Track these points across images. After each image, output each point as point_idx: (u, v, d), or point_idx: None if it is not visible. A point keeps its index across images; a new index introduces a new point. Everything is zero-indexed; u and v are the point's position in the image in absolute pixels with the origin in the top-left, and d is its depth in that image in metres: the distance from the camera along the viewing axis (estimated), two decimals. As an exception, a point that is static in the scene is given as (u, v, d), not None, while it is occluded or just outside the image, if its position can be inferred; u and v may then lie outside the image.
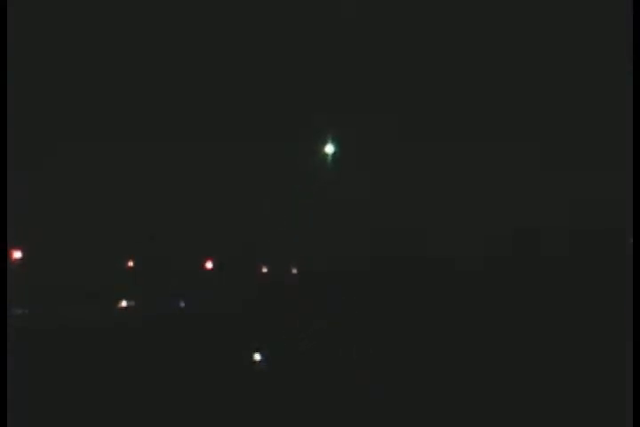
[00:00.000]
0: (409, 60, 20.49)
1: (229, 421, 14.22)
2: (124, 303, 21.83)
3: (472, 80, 20.38)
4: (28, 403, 14.08)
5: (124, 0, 19.83)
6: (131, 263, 22.45)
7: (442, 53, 20.28)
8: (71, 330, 19.06)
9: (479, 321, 18.38)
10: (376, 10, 20.03)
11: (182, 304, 21.92)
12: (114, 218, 21.31)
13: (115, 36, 19.92)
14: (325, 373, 16.21)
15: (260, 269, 23.65)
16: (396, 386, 15.28)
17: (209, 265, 23.18)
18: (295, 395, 15.08)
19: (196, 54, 20.30)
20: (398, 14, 20.12)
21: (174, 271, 22.13)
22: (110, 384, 15.57)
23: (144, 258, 22.11)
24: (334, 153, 20.38)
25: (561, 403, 14.21)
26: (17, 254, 20.18)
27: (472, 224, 20.54)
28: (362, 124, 20.58)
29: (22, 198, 18.75)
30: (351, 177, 21.01)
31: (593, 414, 13.57)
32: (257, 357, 16.52)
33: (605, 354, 15.68)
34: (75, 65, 20.04)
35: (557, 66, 20.11)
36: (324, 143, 20.43)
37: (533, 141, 20.27)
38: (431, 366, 16.20)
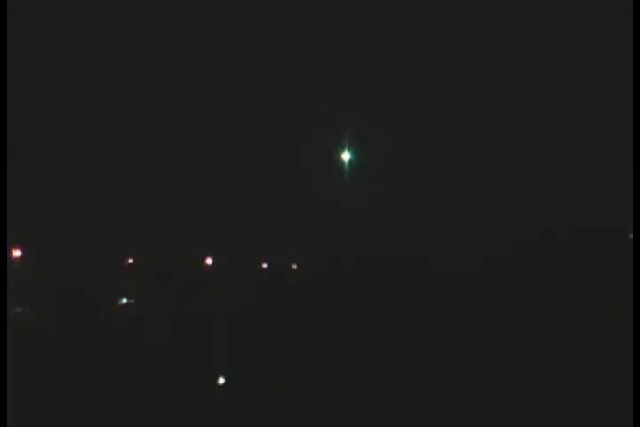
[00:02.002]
0: (412, 65, 20.49)
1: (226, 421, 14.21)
2: (124, 301, 21.85)
3: (473, 81, 20.37)
4: (28, 402, 14.06)
5: (120, 1, 19.78)
6: (131, 261, 22.47)
7: (442, 56, 20.28)
8: (70, 329, 19.08)
9: (480, 317, 18.40)
10: (378, 10, 19.98)
11: (182, 303, 21.96)
12: (114, 217, 21.33)
13: (114, 38, 19.90)
14: (325, 373, 16.20)
15: (260, 265, 23.73)
16: (395, 386, 15.27)
17: (209, 262, 23.22)
18: (295, 395, 15.07)
19: (201, 57, 20.28)
20: (396, 15, 20.08)
21: (174, 270, 22.15)
22: (108, 383, 15.56)
23: (144, 257, 22.14)
24: (350, 161, 20.35)
25: (561, 402, 14.18)
26: (17, 253, 20.18)
27: (472, 224, 20.55)
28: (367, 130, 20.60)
29: (22, 198, 18.75)
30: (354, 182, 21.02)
31: (593, 413, 13.54)
32: (221, 380, 16.49)
33: (605, 353, 15.69)
34: (75, 67, 20.02)
35: (559, 67, 20.11)
36: (340, 150, 20.40)
37: (534, 142, 20.28)
38: (430, 366, 16.18)
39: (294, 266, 23.64)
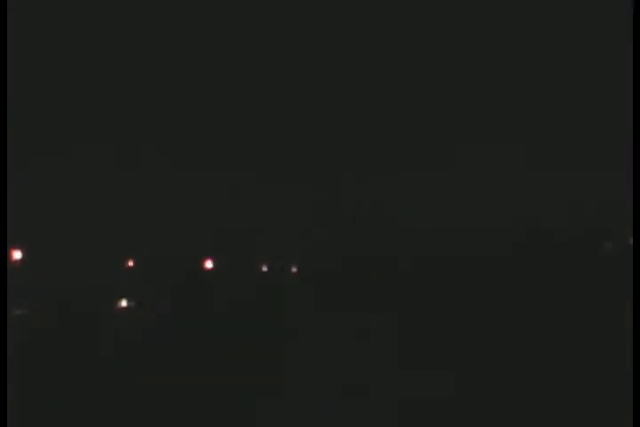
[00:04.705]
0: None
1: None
2: (123, 303, 21.82)
3: (471, 80, 20.41)
4: (28, 403, 14.06)
5: (110, 5, 19.78)
6: (131, 263, 22.45)
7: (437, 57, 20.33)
8: (70, 330, 19.06)
9: (478, 321, 18.41)
10: None
11: (181, 305, 21.94)
12: (114, 218, 21.33)
13: (117, 38, 19.94)
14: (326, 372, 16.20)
15: (260, 267, 23.68)
16: (395, 387, 15.28)
17: (209, 265, 23.18)
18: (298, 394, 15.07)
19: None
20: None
21: (174, 271, 22.14)
22: (108, 386, 15.55)
23: (144, 258, 22.12)
24: None
25: (559, 403, 14.17)
26: (17, 255, 20.17)
27: (472, 224, 20.57)
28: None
29: (22, 198, 18.76)
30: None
31: (593, 414, 13.53)
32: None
33: (605, 355, 15.69)
34: (76, 67, 20.06)
35: (556, 66, 20.14)
36: None
37: (537, 141, 20.31)
38: (430, 368, 16.20)
39: (294, 269, 23.59)
